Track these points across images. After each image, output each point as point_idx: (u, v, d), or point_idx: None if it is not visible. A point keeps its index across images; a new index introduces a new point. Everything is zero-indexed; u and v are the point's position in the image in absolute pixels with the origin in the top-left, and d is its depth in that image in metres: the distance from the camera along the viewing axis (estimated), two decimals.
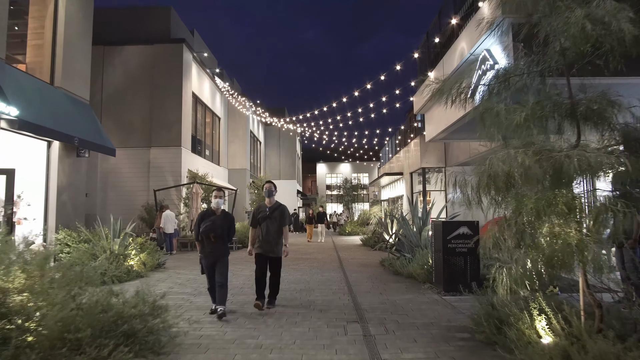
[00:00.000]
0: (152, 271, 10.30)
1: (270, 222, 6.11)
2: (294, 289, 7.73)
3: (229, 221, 5.89)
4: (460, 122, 8.91)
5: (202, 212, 5.94)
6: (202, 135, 22.67)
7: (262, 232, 6.14)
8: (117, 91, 19.13)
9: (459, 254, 7.13)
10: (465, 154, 14.67)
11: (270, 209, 6.17)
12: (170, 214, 15.07)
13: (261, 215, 6.16)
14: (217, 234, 5.63)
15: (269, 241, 6.14)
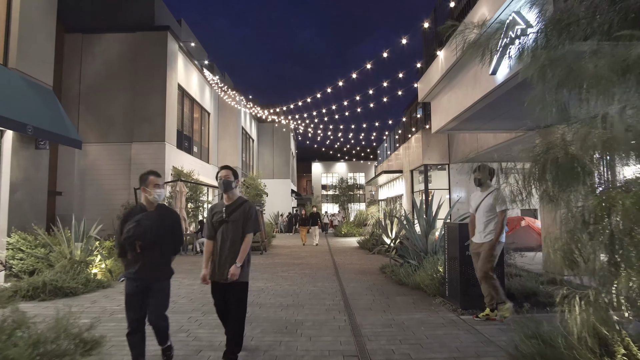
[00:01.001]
0: None
1: (227, 228, 4.02)
2: (279, 305, 6.43)
3: (169, 222, 3.85)
4: (476, 107, 7.66)
5: (128, 210, 3.93)
6: (189, 130, 21.33)
7: (216, 246, 4.08)
8: (96, 82, 17.77)
9: None
10: (472, 149, 13.43)
11: (227, 210, 4.07)
12: None
13: (216, 218, 4.11)
14: (147, 242, 3.62)
15: (223, 259, 4.00)
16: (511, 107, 7.64)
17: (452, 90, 8.57)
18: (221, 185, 4.11)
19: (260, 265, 11.21)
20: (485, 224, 5.42)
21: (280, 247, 17.45)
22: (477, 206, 5.54)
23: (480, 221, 5.46)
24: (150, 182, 3.84)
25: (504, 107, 7.58)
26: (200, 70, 22.55)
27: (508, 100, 7.16)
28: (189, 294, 7.32)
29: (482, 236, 5.42)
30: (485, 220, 5.42)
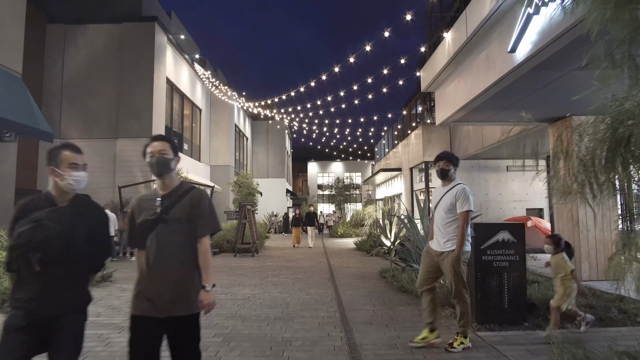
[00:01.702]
0: (95, 286, 8.13)
1: (165, 231, 2.60)
2: (265, 318, 5.59)
3: (90, 222, 2.50)
4: (488, 94, 6.85)
5: (23, 203, 2.50)
6: (179, 127, 20.46)
7: (148, 258, 2.59)
8: (80, 75, 16.89)
9: (498, 269, 5.05)
10: (476, 145, 12.64)
11: (164, 201, 2.66)
12: (109, 215, 12.94)
13: (146, 216, 2.65)
14: (51, 254, 2.24)
15: (160, 282, 2.53)
16: (527, 94, 6.83)
17: (460, 77, 7.76)
18: (153, 165, 2.66)
19: (249, 269, 10.36)
20: (444, 228, 4.33)
21: (273, 249, 16.60)
22: (437, 204, 4.48)
23: (439, 223, 4.39)
24: (63, 161, 2.49)
25: (519, 93, 6.77)
26: (191, 65, 21.67)
27: (525, 85, 6.36)
28: None
29: (441, 243, 4.33)
30: (444, 223, 4.33)
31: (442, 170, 4.40)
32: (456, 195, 4.25)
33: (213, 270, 2.69)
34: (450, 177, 4.42)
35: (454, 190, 4.31)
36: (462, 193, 4.23)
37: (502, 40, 5.99)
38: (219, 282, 8.55)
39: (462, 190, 4.24)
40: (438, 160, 4.42)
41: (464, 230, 4.17)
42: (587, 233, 8.05)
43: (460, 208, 4.22)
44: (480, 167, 14.90)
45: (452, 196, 4.27)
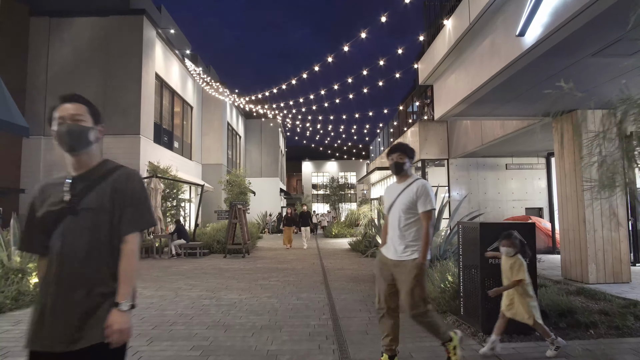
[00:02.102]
0: None
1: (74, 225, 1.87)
2: (251, 327, 5.09)
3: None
4: (491, 85, 6.40)
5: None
6: (169, 124, 19.90)
7: (50, 266, 1.86)
8: (65, 70, 16.33)
9: None
10: (475, 142, 12.20)
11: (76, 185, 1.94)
12: None
13: (50, 205, 1.90)
14: None
15: (65, 292, 1.80)
16: (533, 85, 6.39)
17: (461, 67, 7.31)
18: (62, 135, 1.92)
19: (238, 271, 9.86)
20: (402, 232, 3.60)
21: (265, 250, 16.10)
22: (392, 204, 3.76)
23: (395, 227, 3.67)
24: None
25: (524, 83, 6.32)
26: (181, 61, 21.12)
27: (533, 74, 5.91)
28: (142, 310, 5.96)
29: (398, 250, 3.60)
30: (402, 226, 3.61)
31: (396, 163, 3.72)
32: (417, 192, 3.56)
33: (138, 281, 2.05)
34: (405, 172, 3.73)
35: (413, 187, 3.62)
36: (423, 190, 3.57)
37: (509, 26, 5.54)
38: (206, 285, 8.06)
39: (423, 186, 3.59)
40: (391, 152, 3.77)
41: (428, 233, 3.52)
42: (595, 233, 7.62)
43: (423, 207, 3.54)
44: (478, 165, 14.47)
45: (411, 194, 3.59)
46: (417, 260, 3.49)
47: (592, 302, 6.05)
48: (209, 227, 17.67)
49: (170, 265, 11.28)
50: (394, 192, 3.77)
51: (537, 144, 11.80)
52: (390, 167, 3.81)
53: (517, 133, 10.00)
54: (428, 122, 15.13)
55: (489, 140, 11.22)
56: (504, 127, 10.36)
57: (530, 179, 14.52)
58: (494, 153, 13.48)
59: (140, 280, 8.71)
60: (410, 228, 3.59)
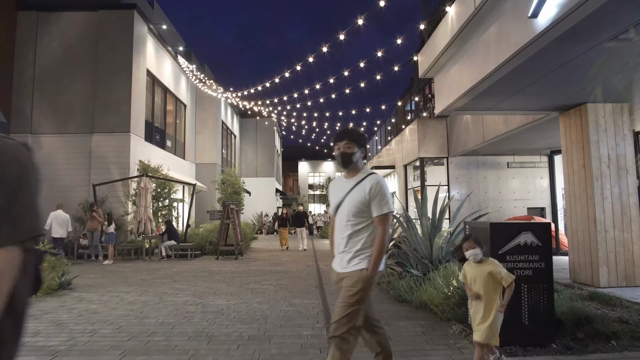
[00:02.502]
0: (49, 294, 7.14)
1: None
2: (237, 337, 4.62)
3: None
4: (498, 75, 5.96)
5: None
6: (161, 122, 19.38)
7: None
8: (53, 66, 15.81)
9: (520, 279, 4.13)
10: (477, 139, 11.77)
11: None
12: (60, 214, 12.04)
13: None
14: None
15: None
16: (542, 75, 5.95)
17: (465, 57, 6.86)
18: None
19: (229, 274, 9.38)
20: (349, 239, 2.89)
21: (259, 251, 15.62)
22: (339, 204, 2.99)
23: (342, 232, 2.94)
24: None
25: (535, 72, 5.88)
26: (174, 57, 20.62)
27: (543, 62, 5.47)
28: (120, 318, 5.48)
29: (344, 261, 2.89)
30: (350, 232, 2.89)
31: (344, 154, 2.95)
32: (370, 191, 2.83)
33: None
34: (355, 165, 2.98)
35: (365, 183, 2.88)
36: (378, 188, 2.84)
37: (519, 8, 5.10)
38: (193, 289, 7.58)
39: (378, 183, 2.86)
40: (337, 140, 3.00)
41: (384, 241, 2.80)
42: (606, 234, 7.19)
43: (378, 210, 2.82)
44: (479, 163, 14.04)
45: (362, 192, 2.86)
46: (364, 270, 2.77)
47: (608, 308, 5.63)
48: (201, 228, 17.19)
49: (159, 268, 10.79)
50: (341, 189, 3.00)
51: (540, 142, 11.38)
52: (337, 159, 3.02)
53: (521, 129, 9.58)
54: (427, 119, 14.70)
55: (491, 137, 10.79)
56: (507, 123, 9.93)
57: (532, 177, 14.10)
58: (495, 151, 13.05)
59: (125, 284, 8.24)
60: (360, 234, 2.86)
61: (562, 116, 7.99)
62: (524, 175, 14.08)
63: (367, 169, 3.03)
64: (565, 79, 6.17)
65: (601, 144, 7.32)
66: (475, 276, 3.40)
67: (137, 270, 10.38)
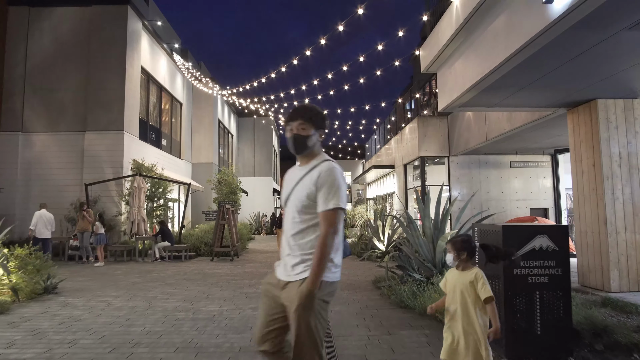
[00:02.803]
0: (33, 299, 6.79)
1: None
2: (228, 349, 4.27)
3: None
4: (508, 67, 5.62)
5: None
6: (156, 121, 19.01)
7: None
8: (44, 62, 15.44)
9: (534, 287, 3.80)
10: (479, 138, 11.45)
11: None
12: (44, 214, 11.64)
13: None
14: None
15: None
16: (553, 67, 5.61)
17: (471, 49, 6.52)
18: None
19: (224, 277, 9.03)
20: (295, 239, 2.38)
21: (256, 252, 15.26)
22: (287, 197, 2.50)
23: (289, 230, 2.44)
24: None
25: (546, 64, 5.55)
26: (169, 55, 20.25)
27: (556, 53, 5.13)
28: (104, 327, 5.13)
29: (288, 266, 2.37)
30: (295, 231, 2.39)
31: (296, 137, 2.45)
32: (318, 180, 2.32)
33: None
34: (311, 150, 2.48)
35: (315, 172, 2.37)
36: (327, 177, 2.32)
37: None
38: (185, 293, 7.24)
39: (328, 171, 2.34)
40: (290, 120, 2.49)
41: (327, 244, 2.23)
42: (617, 236, 6.86)
43: (324, 204, 2.28)
44: (480, 163, 13.72)
45: (310, 183, 2.35)
46: (303, 284, 2.21)
47: (623, 315, 5.29)
48: (197, 229, 16.84)
49: (152, 270, 10.43)
50: (292, 180, 2.51)
51: (545, 140, 11.06)
52: (288, 143, 2.51)
53: (525, 127, 9.25)
54: (427, 118, 14.37)
55: (495, 135, 10.46)
56: (512, 120, 9.60)
57: (535, 177, 13.78)
58: (498, 150, 12.73)
59: (114, 288, 7.89)
60: (307, 234, 2.34)
61: (570, 113, 7.67)
62: (526, 175, 13.76)
63: (323, 155, 2.50)
64: (577, 73, 5.84)
65: (612, 142, 7.00)
66: (454, 285, 2.99)
67: (129, 272, 10.02)
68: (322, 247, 2.22)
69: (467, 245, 3.04)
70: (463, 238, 3.09)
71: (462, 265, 3.02)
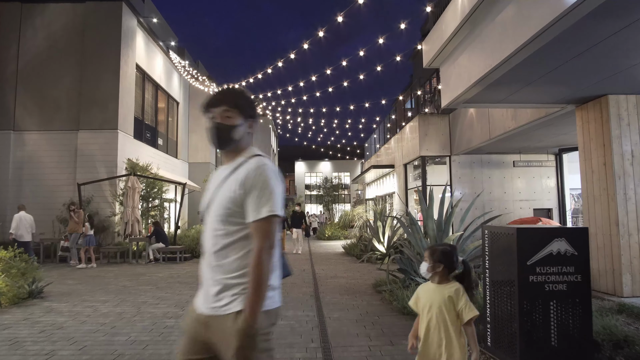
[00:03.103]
0: (17, 304, 6.46)
1: None
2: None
3: None
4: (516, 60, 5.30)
5: None
6: (152, 120, 18.67)
7: None
8: (37, 60, 15.11)
9: (552, 295, 3.48)
10: (482, 136, 11.13)
11: None
12: (23, 217, 11.13)
13: None
14: None
15: None
16: (565, 60, 5.30)
17: (477, 41, 6.21)
18: None
19: None
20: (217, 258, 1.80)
21: None
22: (209, 202, 1.93)
23: (209, 247, 1.85)
24: None
25: (558, 56, 5.24)
26: (166, 53, 19.91)
27: (569, 43, 4.81)
28: (87, 335, 4.80)
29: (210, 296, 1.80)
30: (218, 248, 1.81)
31: (220, 127, 1.92)
32: (245, 181, 1.80)
33: None
34: (237, 144, 1.96)
35: (242, 170, 1.85)
36: (258, 176, 1.80)
37: None
38: (177, 298, 6.91)
39: (259, 169, 1.82)
40: (212, 105, 1.95)
41: (263, 261, 1.72)
42: (629, 238, 6.55)
43: (255, 211, 1.76)
44: (482, 162, 13.40)
45: (236, 184, 1.82)
46: (240, 320, 1.68)
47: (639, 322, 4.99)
48: (193, 230, 16.50)
49: (145, 272, 10.10)
50: (215, 183, 1.98)
51: (550, 139, 10.74)
52: (209, 134, 1.97)
53: (531, 125, 8.94)
54: (428, 116, 14.06)
55: (499, 133, 10.14)
56: (517, 118, 9.29)
57: (539, 177, 13.47)
58: (501, 149, 12.41)
59: (103, 292, 7.56)
60: (233, 251, 1.79)
61: (579, 109, 7.35)
62: (530, 174, 13.45)
63: (253, 150, 1.99)
64: (588, 66, 5.53)
65: (624, 140, 6.69)
66: (430, 301, 2.57)
67: (121, 275, 9.69)
68: (258, 268, 1.70)
69: (447, 258, 2.62)
70: (444, 249, 2.68)
71: (437, 279, 2.64)
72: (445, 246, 2.73)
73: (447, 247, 2.71)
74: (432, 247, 2.72)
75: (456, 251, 2.74)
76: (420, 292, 2.70)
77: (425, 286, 2.70)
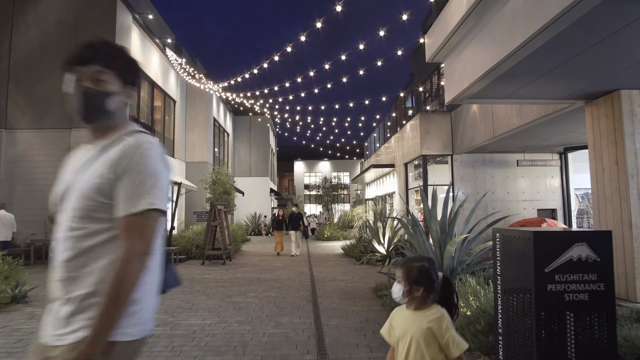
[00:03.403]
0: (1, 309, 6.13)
1: None
2: None
3: None
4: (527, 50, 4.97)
5: None
6: (147, 118, 18.33)
7: None
8: (30, 57, 14.76)
9: (573, 305, 3.14)
10: (486, 134, 10.80)
11: None
12: (4, 216, 10.65)
13: None
14: None
15: None
16: (581, 49, 4.96)
17: (483, 32, 5.87)
18: None
19: (213, 283, 8.36)
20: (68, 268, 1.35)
21: (250, 255, 14.58)
22: (64, 191, 1.50)
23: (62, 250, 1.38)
24: None
25: (571, 48, 4.90)
26: (162, 51, 19.56)
27: (584, 32, 4.48)
28: None
29: (61, 318, 1.32)
30: (75, 252, 1.35)
31: (89, 93, 1.50)
32: (118, 163, 1.39)
33: None
34: (112, 118, 1.55)
35: (115, 150, 1.43)
36: (136, 157, 1.40)
37: None
38: (167, 303, 6.57)
39: (138, 147, 1.42)
40: (79, 62, 1.56)
41: (127, 271, 1.29)
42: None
43: (128, 202, 1.35)
44: (485, 161, 13.07)
45: (105, 167, 1.40)
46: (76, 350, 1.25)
47: None
48: (189, 230, 16.17)
49: None
50: (74, 167, 1.58)
51: (555, 137, 10.41)
52: (74, 103, 1.54)
53: (537, 122, 8.61)
54: (429, 114, 13.73)
55: (503, 131, 9.82)
56: (522, 115, 8.97)
57: (543, 177, 13.14)
58: (504, 148, 12.09)
59: None
60: (97, 258, 1.36)
61: (589, 105, 7.03)
62: (533, 174, 13.12)
63: (131, 125, 1.58)
64: (602, 58, 5.21)
65: (637, 137, 6.36)
66: (405, 331, 2.09)
67: None
68: (118, 279, 1.26)
69: (425, 277, 2.09)
70: (422, 266, 2.12)
71: (414, 304, 2.11)
72: (423, 262, 2.16)
73: (425, 264, 2.15)
74: (407, 265, 2.15)
75: (434, 265, 2.20)
76: (394, 320, 2.21)
77: (400, 312, 2.20)
